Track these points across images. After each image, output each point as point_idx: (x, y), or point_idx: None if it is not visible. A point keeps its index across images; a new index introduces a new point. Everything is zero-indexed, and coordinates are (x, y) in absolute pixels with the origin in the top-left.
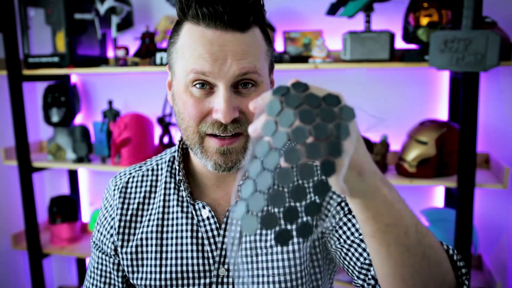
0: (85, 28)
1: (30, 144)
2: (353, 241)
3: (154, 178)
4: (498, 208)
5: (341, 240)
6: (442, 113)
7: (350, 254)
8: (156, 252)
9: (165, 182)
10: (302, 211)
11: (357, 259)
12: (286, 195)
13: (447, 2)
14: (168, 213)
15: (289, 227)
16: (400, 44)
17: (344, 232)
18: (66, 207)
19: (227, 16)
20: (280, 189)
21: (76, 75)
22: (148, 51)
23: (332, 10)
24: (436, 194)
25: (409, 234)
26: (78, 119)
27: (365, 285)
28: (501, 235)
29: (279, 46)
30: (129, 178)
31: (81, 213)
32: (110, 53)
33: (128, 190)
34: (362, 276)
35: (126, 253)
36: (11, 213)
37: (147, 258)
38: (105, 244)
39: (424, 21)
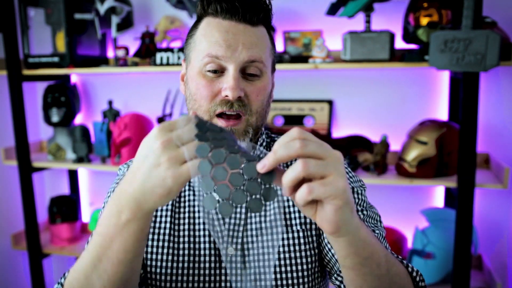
0: (85, 28)
1: (30, 144)
2: None
3: None
4: (498, 208)
5: (325, 237)
6: (442, 113)
7: (331, 253)
8: (170, 230)
9: None
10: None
11: (337, 261)
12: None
13: (447, 2)
14: (184, 196)
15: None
16: (400, 44)
17: None
18: (66, 207)
19: (241, 11)
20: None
21: (76, 75)
22: (148, 51)
23: (332, 10)
24: (436, 194)
25: (381, 264)
26: (78, 119)
27: (342, 286)
28: (501, 235)
29: (279, 46)
30: None
31: (81, 213)
32: (110, 53)
33: None
34: (340, 278)
35: None
36: (11, 213)
37: (159, 234)
38: None
39: (424, 21)
